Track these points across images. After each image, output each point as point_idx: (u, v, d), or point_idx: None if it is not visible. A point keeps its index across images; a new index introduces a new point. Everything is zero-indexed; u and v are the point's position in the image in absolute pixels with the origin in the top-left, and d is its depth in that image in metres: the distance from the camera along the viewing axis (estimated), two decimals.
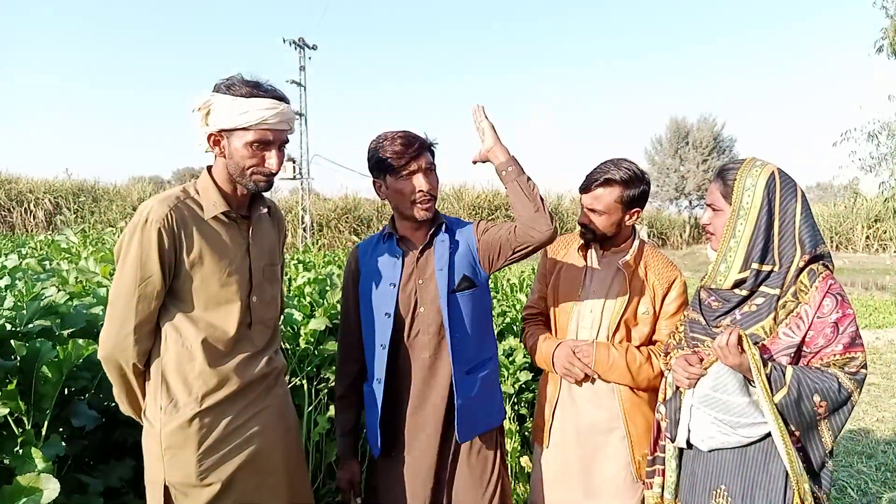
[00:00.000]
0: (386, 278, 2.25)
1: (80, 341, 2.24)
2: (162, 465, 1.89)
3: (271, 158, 1.93)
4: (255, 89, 1.88)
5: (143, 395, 1.97)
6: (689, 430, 2.07)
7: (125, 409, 2.02)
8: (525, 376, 3.56)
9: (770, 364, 1.89)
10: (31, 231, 28.49)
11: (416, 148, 2.17)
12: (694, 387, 2.04)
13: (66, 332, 2.60)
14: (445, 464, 2.26)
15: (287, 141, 1.98)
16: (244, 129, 1.87)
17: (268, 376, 2.06)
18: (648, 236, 36.40)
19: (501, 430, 2.40)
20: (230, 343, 1.96)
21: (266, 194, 2.12)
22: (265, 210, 2.10)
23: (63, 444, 2.23)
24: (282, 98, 1.92)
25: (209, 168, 2.03)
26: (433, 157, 2.25)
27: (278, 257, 2.19)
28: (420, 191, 2.18)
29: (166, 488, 1.90)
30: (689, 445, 2.10)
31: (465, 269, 2.23)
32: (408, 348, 2.24)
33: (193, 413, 1.88)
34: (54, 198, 31.56)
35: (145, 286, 1.85)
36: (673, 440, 2.13)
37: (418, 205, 2.19)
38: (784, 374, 1.86)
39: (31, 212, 31.08)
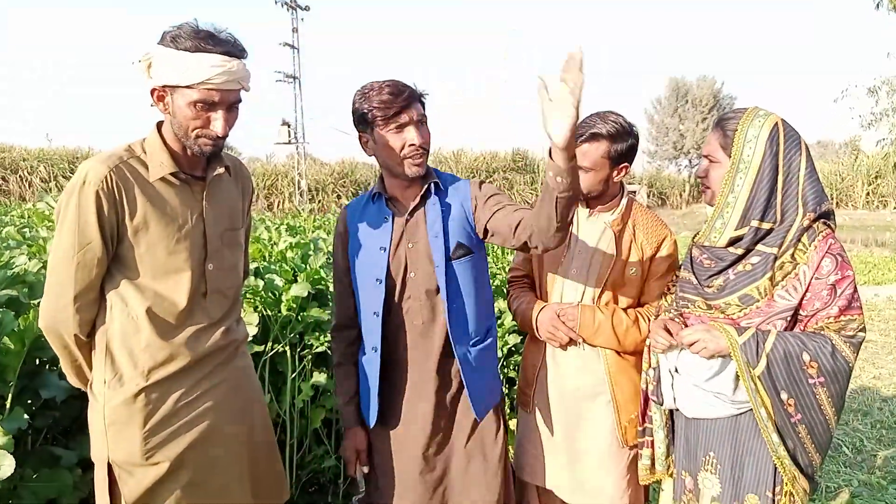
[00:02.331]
0: (375, 242, 2.11)
1: None
2: (105, 441, 1.79)
3: (217, 121, 1.76)
4: (203, 42, 1.68)
5: (91, 368, 1.87)
6: (674, 393, 2.01)
7: (73, 381, 1.93)
8: (514, 339, 3.49)
9: (753, 330, 1.81)
10: (29, 199, 28.41)
11: (406, 97, 1.97)
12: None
13: (35, 302, 2.53)
14: (446, 439, 2.16)
15: (239, 101, 1.81)
16: (188, 87, 1.70)
17: (225, 349, 1.94)
18: (648, 196, 36.25)
19: (502, 408, 2.29)
20: (181, 315, 1.83)
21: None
22: (222, 170, 1.93)
23: (26, 417, 2.16)
24: (234, 53, 1.73)
25: (159, 124, 1.86)
26: (424, 108, 2.05)
27: (241, 221, 2.05)
28: (411, 145, 1.98)
29: (110, 466, 1.81)
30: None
31: (460, 236, 2.08)
32: (400, 315, 2.11)
33: (139, 388, 1.77)
34: (50, 165, 31.41)
35: (84, 253, 1.72)
36: (661, 404, 2.07)
37: (409, 160, 2.00)
38: (765, 341, 1.79)
39: (26, 180, 30.99)
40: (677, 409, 2.04)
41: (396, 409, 2.17)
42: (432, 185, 2.10)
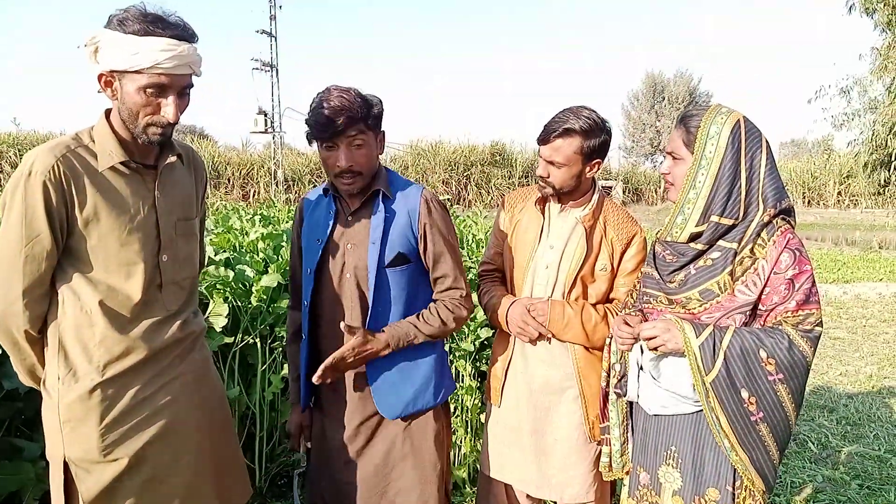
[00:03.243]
0: (316, 235, 2.16)
1: None
2: (61, 439, 1.74)
3: (167, 106, 1.70)
4: (152, 26, 1.63)
5: (43, 364, 1.81)
6: (639, 386, 2.02)
7: (25, 380, 1.86)
8: (486, 333, 3.49)
9: (710, 329, 1.83)
10: (2, 184, 27.84)
11: (341, 124, 1.97)
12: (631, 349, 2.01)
13: None
14: (372, 431, 2.18)
15: (191, 86, 1.76)
16: (137, 72, 1.64)
17: (182, 342, 1.90)
18: (624, 192, 36.49)
19: (441, 412, 2.28)
20: (136, 307, 1.78)
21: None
22: (174, 158, 1.88)
23: None
24: (183, 37, 1.68)
25: (107, 112, 1.80)
26: (372, 124, 2.03)
27: (195, 210, 2.00)
28: (338, 166, 2.02)
29: (66, 465, 1.76)
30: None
31: (401, 246, 2.10)
32: (333, 309, 2.14)
33: (95, 383, 1.72)
34: (18, 151, 30.79)
35: (32, 246, 1.66)
36: (624, 395, 2.08)
37: (339, 179, 2.05)
38: (722, 338, 1.81)
39: None
40: (638, 403, 2.06)
41: (327, 394, 2.22)
42: (380, 193, 2.11)
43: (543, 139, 2.27)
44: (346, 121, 1.97)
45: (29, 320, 1.71)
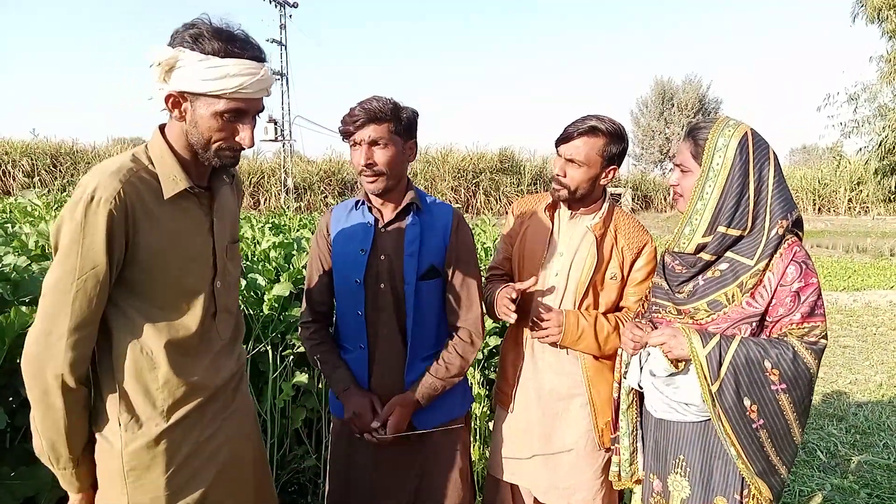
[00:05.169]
0: (357, 245, 2.18)
1: (25, 308, 2.15)
2: (124, 487, 1.63)
3: (244, 132, 1.60)
4: (230, 45, 1.51)
5: (69, 423, 1.58)
6: (640, 375, 2.05)
7: (38, 448, 1.60)
8: (494, 341, 3.52)
9: (717, 338, 1.85)
10: (13, 193, 28.07)
11: (359, 121, 2.03)
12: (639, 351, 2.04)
13: (25, 300, 2.52)
14: (406, 444, 2.20)
15: (263, 108, 1.66)
16: (216, 96, 1.53)
17: (236, 375, 1.84)
18: (633, 199, 36.42)
19: (465, 422, 2.34)
20: (194, 340, 1.66)
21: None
22: (229, 180, 1.78)
23: (6, 415, 2.16)
24: (260, 57, 1.56)
25: (161, 128, 1.65)
26: (397, 129, 2.07)
27: (238, 231, 1.91)
28: (359, 163, 2.08)
29: None
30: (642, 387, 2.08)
31: (434, 258, 2.16)
32: (372, 318, 2.18)
33: (161, 430, 1.62)
34: (31, 160, 31.04)
35: (86, 280, 1.48)
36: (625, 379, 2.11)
37: (362, 177, 2.11)
38: (728, 348, 1.83)
39: (10, 174, 30.64)
40: (647, 410, 2.08)
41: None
42: (414, 206, 2.16)
43: (566, 138, 2.28)
44: (366, 119, 2.03)
45: (69, 363, 1.51)
